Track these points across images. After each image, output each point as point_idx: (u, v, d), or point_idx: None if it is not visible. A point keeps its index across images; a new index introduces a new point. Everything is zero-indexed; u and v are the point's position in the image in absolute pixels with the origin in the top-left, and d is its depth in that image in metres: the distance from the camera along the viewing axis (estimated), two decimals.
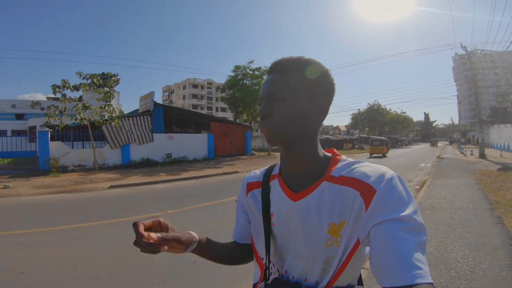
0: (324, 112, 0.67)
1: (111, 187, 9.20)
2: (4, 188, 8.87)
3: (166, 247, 0.59)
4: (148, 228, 0.60)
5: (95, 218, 5.31)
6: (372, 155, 23.87)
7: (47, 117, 12.42)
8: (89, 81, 13.53)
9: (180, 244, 0.64)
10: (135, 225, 0.57)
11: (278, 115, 0.64)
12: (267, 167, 0.82)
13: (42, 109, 12.25)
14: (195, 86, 63.58)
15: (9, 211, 6.17)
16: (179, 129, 19.26)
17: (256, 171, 0.83)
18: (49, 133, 12.68)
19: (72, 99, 13.37)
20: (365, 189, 0.57)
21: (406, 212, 0.52)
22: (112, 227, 4.72)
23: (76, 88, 13.23)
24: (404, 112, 66.46)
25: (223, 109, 61.29)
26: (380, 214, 0.53)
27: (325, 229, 0.61)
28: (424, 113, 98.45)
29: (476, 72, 21.82)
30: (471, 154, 20.74)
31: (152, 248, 0.57)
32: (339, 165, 0.65)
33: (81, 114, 12.79)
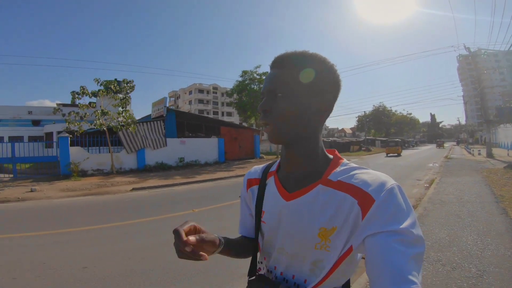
0: (326, 110, 0.65)
1: (133, 189, 9.65)
2: (31, 191, 9.29)
3: (206, 256, 0.58)
4: (186, 233, 0.59)
5: (133, 216, 5.77)
6: (388, 155, 26.68)
7: (67, 123, 12.94)
8: (102, 87, 14.09)
9: (213, 247, 0.64)
10: (177, 232, 0.56)
11: (277, 111, 0.63)
12: (267, 163, 0.82)
13: (64, 115, 12.79)
14: (200, 91, 64.33)
15: (49, 212, 6.64)
16: (190, 134, 19.79)
17: (257, 167, 0.83)
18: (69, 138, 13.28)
19: (88, 105, 13.86)
20: (363, 197, 0.55)
21: (403, 225, 0.51)
22: (152, 224, 5.21)
23: (94, 94, 13.81)
24: (410, 114, 66.58)
25: (229, 114, 61.95)
26: (376, 225, 0.52)
27: (315, 232, 0.60)
28: (430, 114, 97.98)
29: (481, 72, 22.03)
30: (479, 154, 20.93)
31: (192, 255, 0.56)
32: (338, 169, 0.64)
33: (100, 120, 13.35)
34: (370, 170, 0.61)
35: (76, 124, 12.95)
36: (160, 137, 16.31)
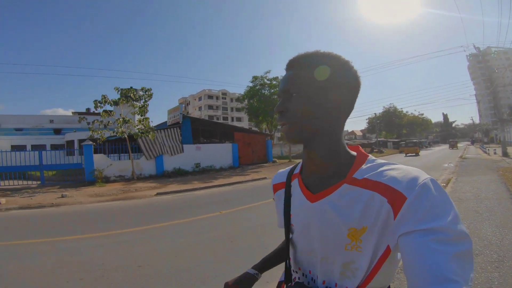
0: (343, 107, 0.64)
1: (158, 194, 10.08)
2: (62, 197, 9.75)
3: None
4: None
5: (167, 219, 6.14)
6: (407, 154, 28.16)
7: (91, 131, 13.48)
8: (119, 95, 14.67)
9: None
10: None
11: (293, 111, 0.63)
12: (291, 166, 0.82)
13: (88, 123, 13.48)
14: (210, 97, 65.06)
15: (87, 216, 7.04)
16: (205, 140, 20.31)
17: (282, 171, 0.84)
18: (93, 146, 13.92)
19: (109, 113, 14.25)
20: (394, 195, 0.53)
21: (441, 222, 0.48)
22: (187, 225, 5.60)
23: (115, 103, 14.45)
24: (422, 114, 65.92)
25: (239, 119, 62.57)
26: (410, 224, 0.50)
27: (344, 233, 0.59)
28: (443, 114, 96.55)
29: (492, 71, 21.90)
30: (495, 153, 20.76)
31: None
32: (364, 166, 0.62)
33: (122, 128, 13.95)
34: (400, 165, 0.59)
35: (99, 132, 13.51)
36: (177, 144, 16.86)
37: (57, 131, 25.81)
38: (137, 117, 15.13)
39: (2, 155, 12.98)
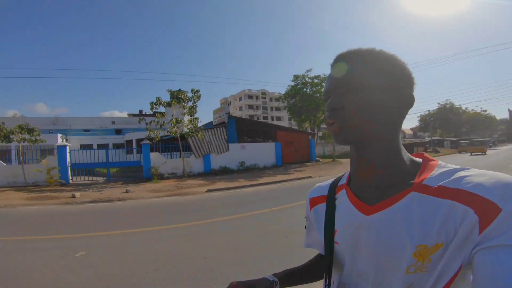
0: (407, 106, 0.57)
1: (208, 191, 10.69)
2: (126, 192, 10.77)
3: None
4: None
5: (223, 214, 6.53)
6: (473, 153, 27.36)
7: (148, 131, 14.70)
8: (169, 97, 15.74)
9: None
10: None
11: (350, 108, 0.55)
12: (332, 179, 0.73)
13: (147, 124, 14.81)
14: (250, 97, 65.97)
15: (150, 210, 7.73)
16: (249, 139, 20.83)
17: (321, 184, 0.75)
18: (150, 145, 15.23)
19: (163, 114, 15.36)
20: (483, 205, 0.44)
21: None
22: (243, 220, 5.88)
23: (168, 104, 15.61)
24: (485, 111, 59.30)
25: (278, 118, 62.62)
26: (501, 238, 0.41)
27: (409, 251, 0.49)
28: (509, 110, 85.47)
29: None
30: None
31: None
32: (435, 172, 0.54)
33: (175, 128, 15.01)
34: (483, 170, 0.50)
35: (154, 132, 14.65)
36: (223, 143, 17.58)
37: (118, 132, 28.68)
38: (187, 117, 16.12)
39: (74, 154, 14.81)
